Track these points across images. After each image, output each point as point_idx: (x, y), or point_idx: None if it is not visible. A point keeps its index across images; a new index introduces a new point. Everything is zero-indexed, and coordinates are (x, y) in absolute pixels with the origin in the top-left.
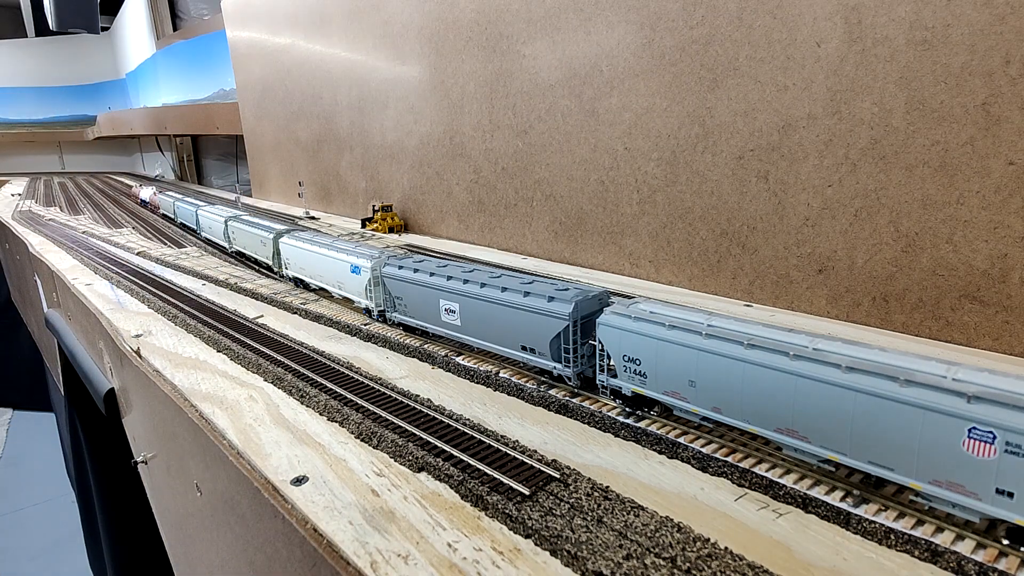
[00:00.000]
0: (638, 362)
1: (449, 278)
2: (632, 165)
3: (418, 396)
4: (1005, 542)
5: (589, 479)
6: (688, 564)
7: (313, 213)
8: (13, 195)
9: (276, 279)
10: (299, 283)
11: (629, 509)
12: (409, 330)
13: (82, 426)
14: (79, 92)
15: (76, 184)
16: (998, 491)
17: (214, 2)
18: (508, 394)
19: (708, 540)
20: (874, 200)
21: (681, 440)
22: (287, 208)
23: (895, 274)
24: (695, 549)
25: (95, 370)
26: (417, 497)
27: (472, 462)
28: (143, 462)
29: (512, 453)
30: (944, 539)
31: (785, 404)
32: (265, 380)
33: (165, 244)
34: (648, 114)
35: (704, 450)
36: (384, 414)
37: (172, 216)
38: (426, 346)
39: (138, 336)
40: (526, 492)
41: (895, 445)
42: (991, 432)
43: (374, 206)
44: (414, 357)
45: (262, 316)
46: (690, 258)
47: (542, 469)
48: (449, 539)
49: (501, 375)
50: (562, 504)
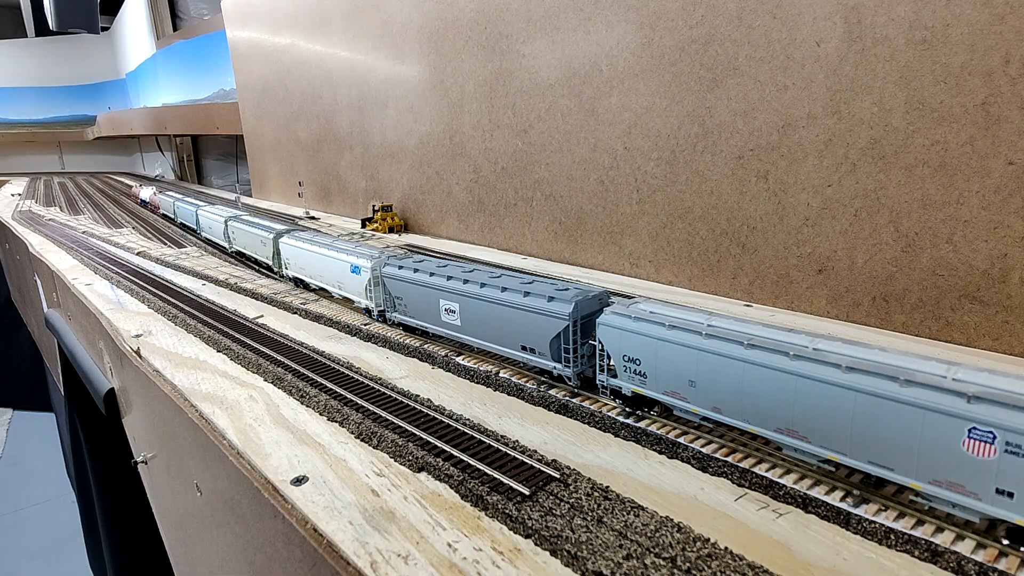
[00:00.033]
0: (638, 362)
1: (449, 278)
2: (632, 165)
3: (418, 396)
4: (1005, 542)
5: (589, 479)
6: (688, 564)
7: (313, 213)
8: (13, 195)
9: (276, 279)
10: (299, 283)
11: (629, 509)
12: (409, 330)
13: (82, 426)
14: (79, 92)
15: (76, 184)
16: (998, 491)
17: (214, 2)
18: (508, 394)
19: (708, 540)
20: (874, 200)
21: (681, 440)
22: (287, 208)
23: (895, 274)
24: (695, 549)
25: (95, 370)
26: (417, 497)
27: (472, 462)
28: (143, 462)
29: (512, 453)
30: (944, 539)
31: (785, 404)
32: (265, 380)
33: (165, 244)
34: (648, 114)
35: (704, 450)
36: (384, 414)
37: (172, 216)
38: (426, 346)
39: (138, 336)
40: (526, 492)
41: (895, 445)
42: (991, 432)
43: (374, 206)
44: (414, 357)
45: (262, 316)
46: (690, 258)
47: (542, 469)
48: (449, 539)
49: (501, 375)
50: (562, 504)
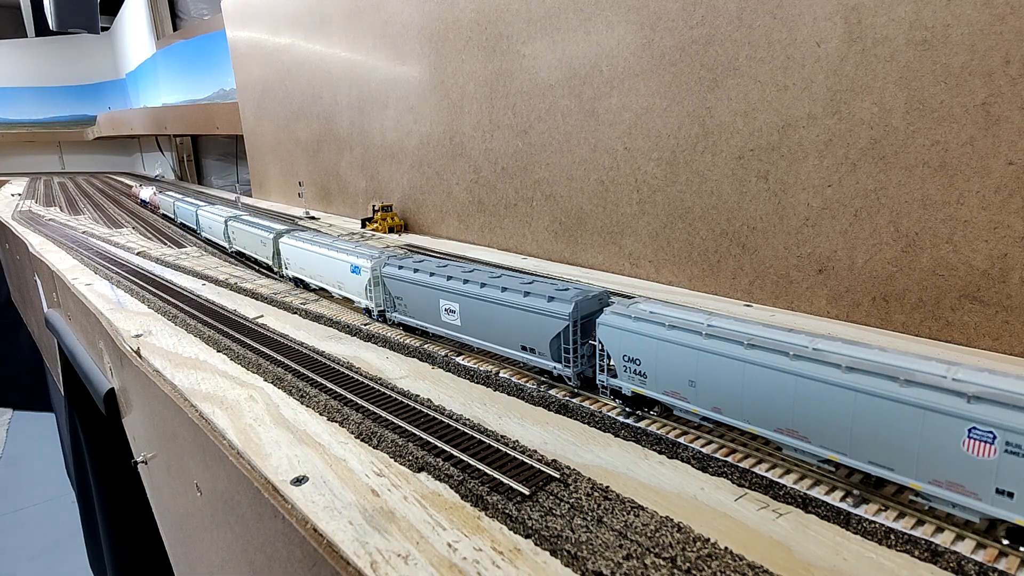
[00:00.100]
0: (638, 362)
1: (449, 278)
2: (632, 165)
3: (418, 396)
4: (1005, 542)
5: (589, 479)
6: (688, 564)
7: (313, 213)
8: (13, 195)
9: (276, 279)
10: (299, 283)
11: (629, 509)
12: (409, 330)
13: (82, 426)
14: (79, 92)
15: (76, 184)
16: (998, 491)
17: (214, 2)
18: (508, 394)
19: (708, 540)
20: (874, 200)
21: (681, 440)
22: (287, 208)
23: (895, 274)
24: (695, 549)
25: (95, 370)
26: (417, 497)
27: (472, 462)
28: (143, 462)
29: (512, 453)
30: (944, 539)
31: (785, 404)
32: (265, 380)
33: (165, 244)
34: (648, 114)
35: (704, 450)
36: (384, 414)
37: (172, 216)
38: (426, 346)
39: (138, 336)
40: (526, 492)
41: (895, 445)
42: (991, 432)
43: (374, 206)
44: (414, 357)
45: (262, 316)
46: (690, 258)
47: (542, 469)
48: (449, 539)
49: (501, 375)
50: (562, 504)
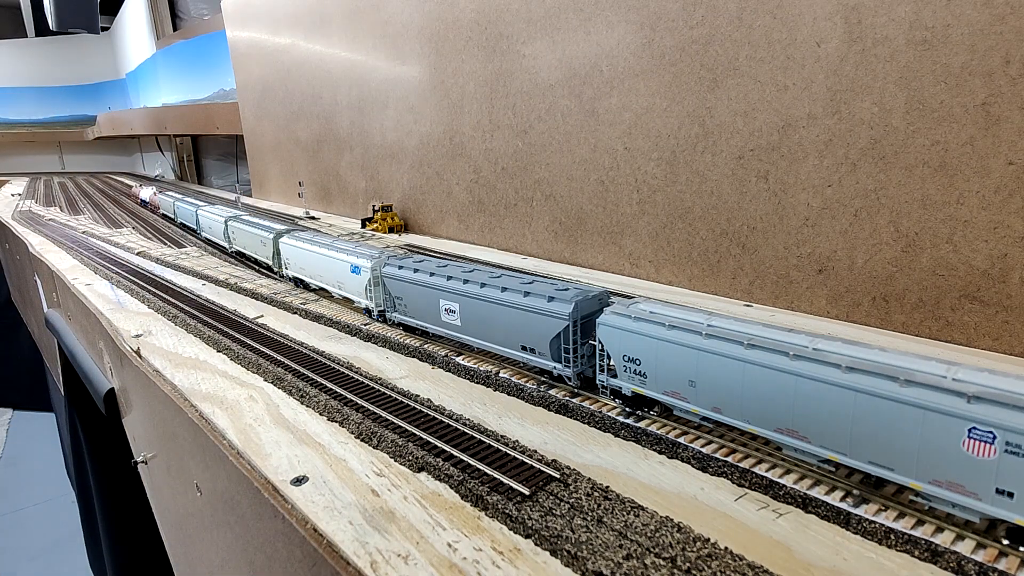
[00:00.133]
0: (638, 362)
1: (449, 278)
2: (632, 165)
3: (418, 396)
4: (1005, 542)
5: (589, 479)
6: (688, 564)
7: (313, 213)
8: (13, 195)
9: (276, 279)
10: (299, 283)
11: (629, 509)
12: (409, 330)
13: (82, 426)
14: (79, 92)
15: (76, 184)
16: (998, 491)
17: (214, 2)
18: (508, 394)
19: (708, 540)
20: (874, 200)
21: (681, 440)
22: (287, 208)
23: (895, 274)
24: (695, 549)
25: (95, 370)
26: (417, 497)
27: (472, 462)
28: (143, 462)
29: (512, 453)
30: (944, 539)
31: (785, 404)
32: (265, 380)
33: (165, 244)
34: (648, 114)
35: (704, 450)
36: (384, 414)
37: (172, 216)
38: (426, 346)
39: (138, 336)
40: (526, 492)
41: (895, 445)
42: (991, 432)
43: (374, 206)
44: (414, 357)
45: (262, 316)
46: (690, 258)
47: (542, 469)
48: (449, 539)
49: (501, 375)
50: (562, 504)
